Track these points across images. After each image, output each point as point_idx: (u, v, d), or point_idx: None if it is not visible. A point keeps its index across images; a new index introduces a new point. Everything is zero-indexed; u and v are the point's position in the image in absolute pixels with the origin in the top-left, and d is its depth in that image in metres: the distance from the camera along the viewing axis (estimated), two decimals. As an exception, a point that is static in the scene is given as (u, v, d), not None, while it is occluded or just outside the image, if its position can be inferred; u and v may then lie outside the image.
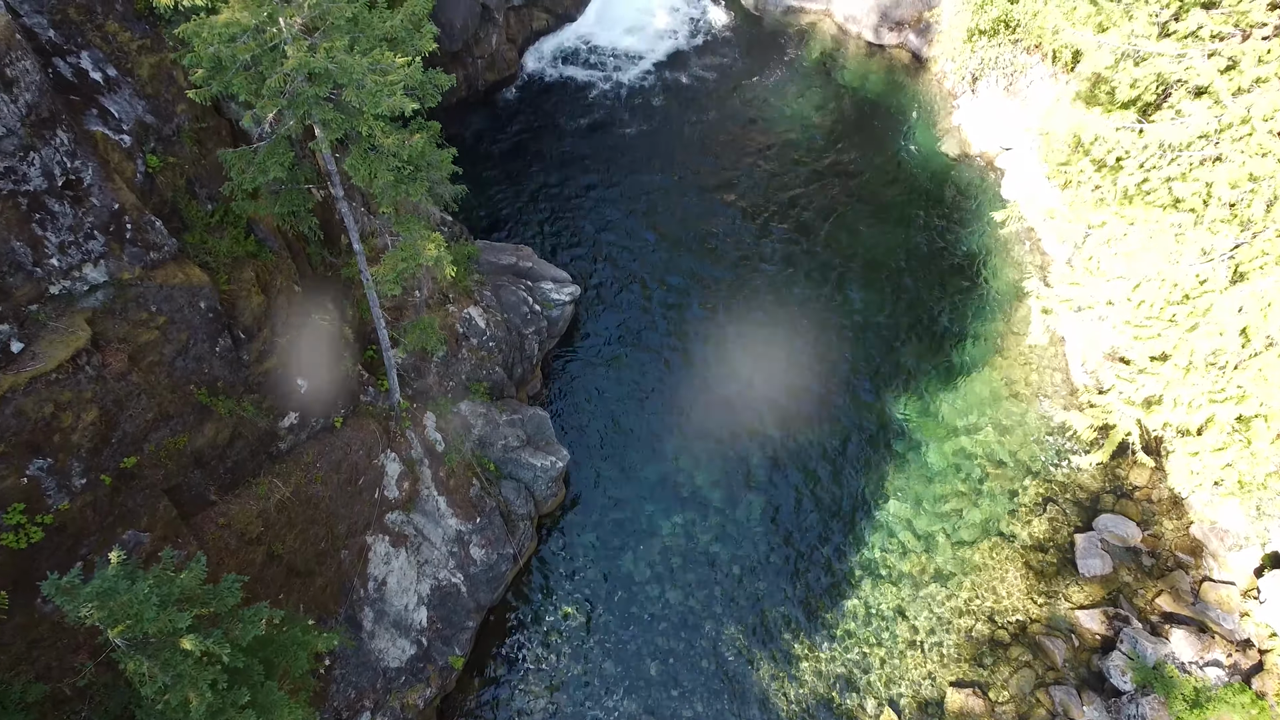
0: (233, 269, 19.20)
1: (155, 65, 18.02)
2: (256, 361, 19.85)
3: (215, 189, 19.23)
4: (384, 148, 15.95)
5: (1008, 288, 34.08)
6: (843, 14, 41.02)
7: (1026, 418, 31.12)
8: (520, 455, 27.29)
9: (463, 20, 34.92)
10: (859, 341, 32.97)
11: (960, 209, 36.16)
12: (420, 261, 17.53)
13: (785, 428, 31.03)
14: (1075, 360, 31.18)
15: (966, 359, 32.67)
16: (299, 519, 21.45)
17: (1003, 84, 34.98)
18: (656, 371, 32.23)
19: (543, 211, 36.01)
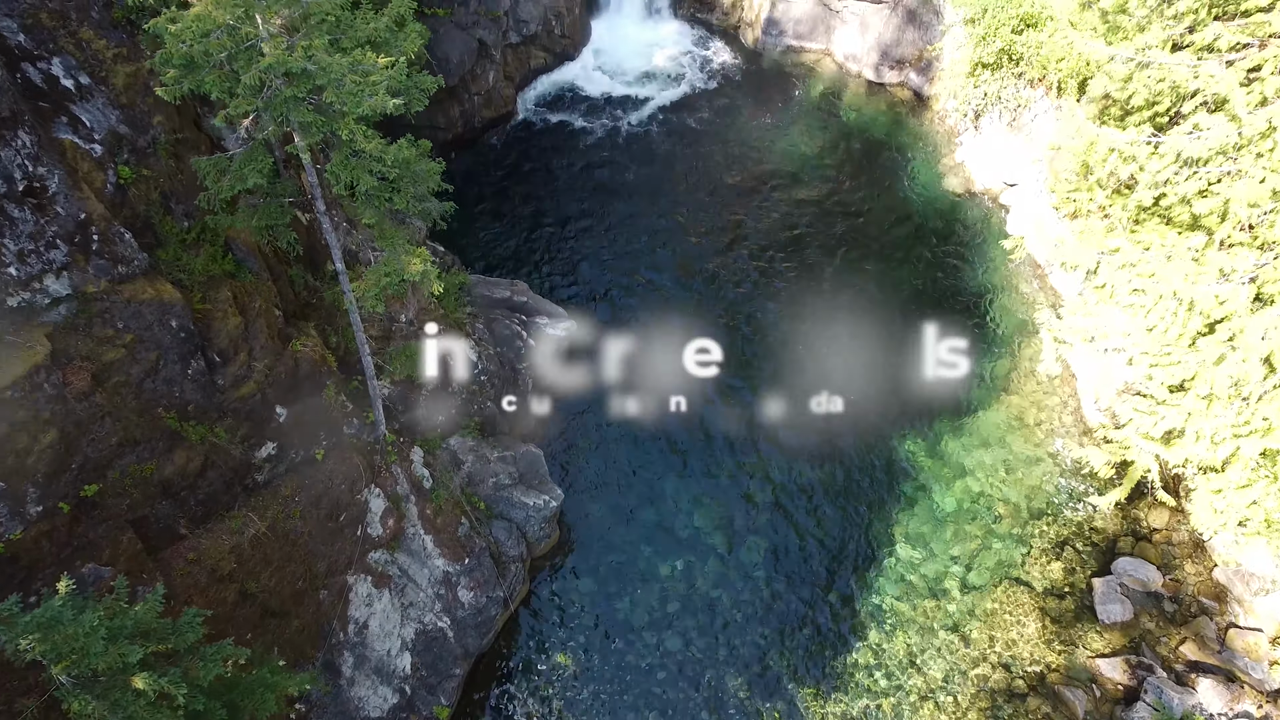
0: (208, 288, 18.29)
1: (131, 75, 17.30)
2: (232, 386, 18.84)
3: (192, 205, 18.41)
4: (366, 153, 15.11)
5: (1015, 325, 33.19)
6: (843, 53, 40.75)
7: (1038, 458, 30.01)
8: (512, 494, 26.12)
9: (459, 56, 34.52)
10: (864, 382, 31.94)
11: (965, 246, 35.42)
12: (405, 277, 16.61)
13: (788, 468, 29.92)
14: (1088, 397, 30.16)
15: (974, 398, 31.65)
16: (275, 556, 20.25)
17: (1006, 119, 34.48)
18: (654, 412, 31.13)
19: (538, 249, 35.27)
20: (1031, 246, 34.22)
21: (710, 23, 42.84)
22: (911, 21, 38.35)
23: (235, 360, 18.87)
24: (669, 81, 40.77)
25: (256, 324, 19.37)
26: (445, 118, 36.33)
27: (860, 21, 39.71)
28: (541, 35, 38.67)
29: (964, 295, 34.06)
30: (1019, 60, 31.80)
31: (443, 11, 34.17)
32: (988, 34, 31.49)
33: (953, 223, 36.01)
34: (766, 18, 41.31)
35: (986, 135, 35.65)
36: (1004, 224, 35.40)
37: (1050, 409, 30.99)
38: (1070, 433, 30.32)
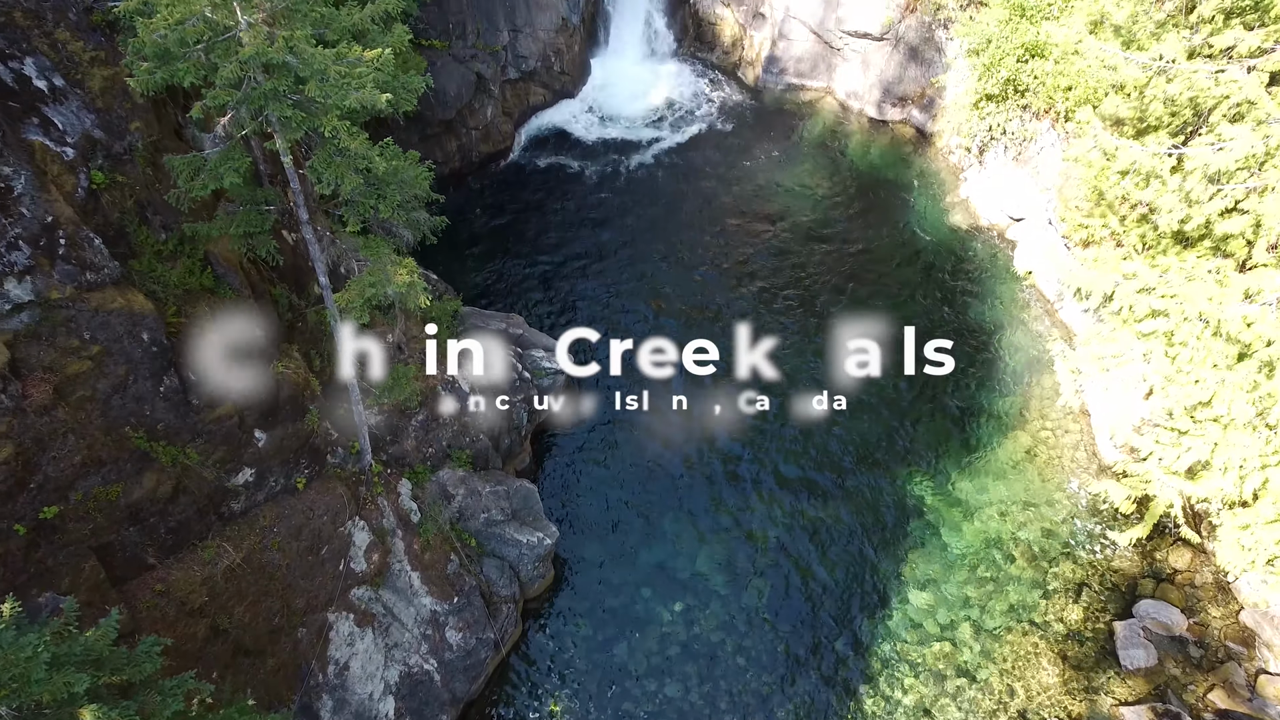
0: (185, 302, 17.39)
1: (108, 79, 16.59)
2: (208, 407, 17.82)
3: (171, 217, 17.58)
4: (351, 151, 14.31)
5: (1025, 360, 32.26)
6: (844, 90, 40.42)
7: (1052, 497, 28.87)
8: (504, 530, 24.94)
9: (456, 88, 34.09)
10: (871, 420, 30.94)
11: (972, 281, 34.62)
12: (391, 288, 15.72)
13: (793, 507, 28.76)
14: (1103, 434, 29.11)
15: (984, 436, 30.60)
16: (250, 590, 19.06)
17: (1011, 153, 33.94)
18: (655, 448, 30.09)
19: (535, 285, 34.47)
20: (1040, 281, 33.48)
21: (710, 61, 42.62)
22: (913, 59, 38.05)
23: (211, 380, 17.86)
24: (669, 119, 40.37)
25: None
26: (442, 152, 35.80)
27: (862, 59, 39.44)
28: (541, 71, 38.34)
29: (972, 331, 33.17)
30: (1024, 91, 31.32)
31: (439, 44, 33.83)
32: (992, 64, 31.04)
33: (959, 259, 35.27)
34: (767, 56, 41.07)
35: (991, 170, 35.09)
36: (1011, 259, 34.66)
37: (1063, 446, 29.93)
38: (1085, 471, 29.22)
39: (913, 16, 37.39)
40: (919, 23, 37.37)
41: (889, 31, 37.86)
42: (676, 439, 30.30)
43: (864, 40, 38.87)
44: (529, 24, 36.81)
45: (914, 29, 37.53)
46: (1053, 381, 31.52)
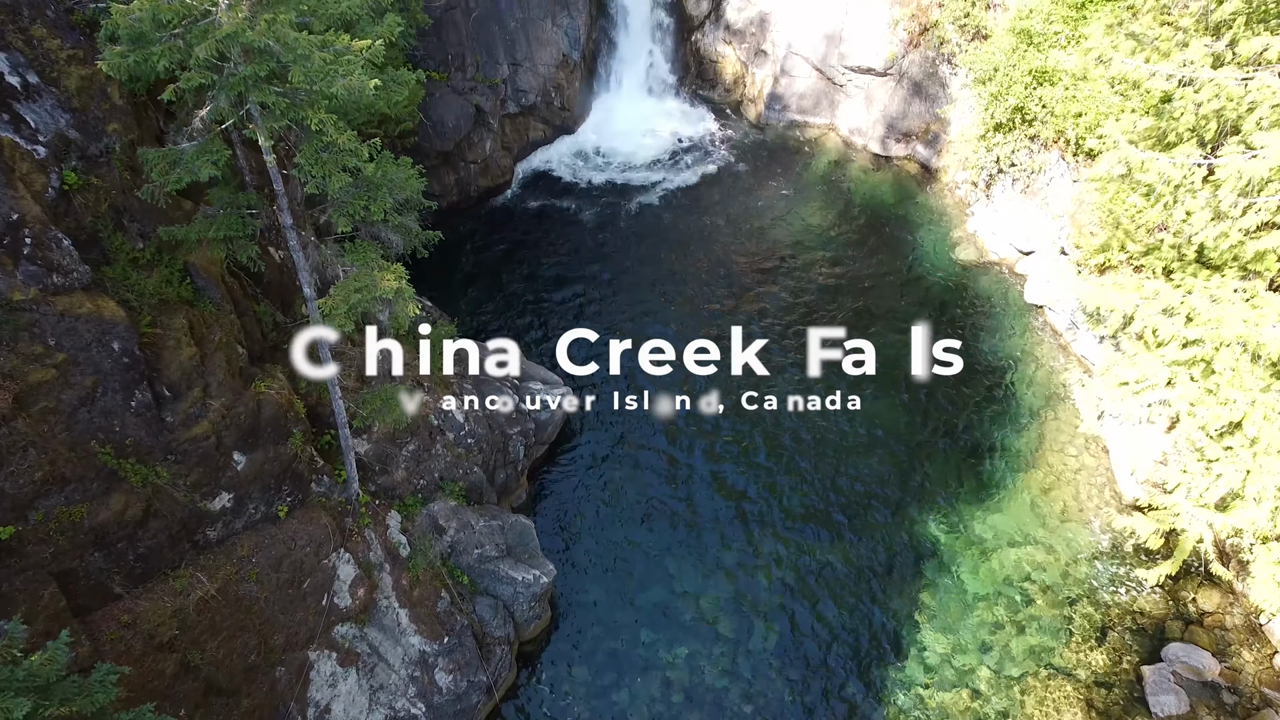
0: (160, 313, 16.43)
1: (86, 78, 15.85)
2: (183, 425, 16.77)
3: (149, 225, 16.72)
4: (339, 146, 13.48)
5: (1038, 396, 31.23)
6: (848, 127, 39.99)
7: (1072, 536, 27.64)
8: (499, 567, 23.70)
9: (455, 120, 33.59)
10: (881, 456, 29.84)
11: (981, 317, 33.74)
12: (378, 294, 14.78)
13: (802, 546, 27.53)
14: (1122, 470, 27.98)
15: (999, 473, 29.45)
16: (225, 624, 17.81)
17: (1019, 186, 33.31)
18: (657, 486, 28.94)
19: (533, 320, 33.57)
20: (1051, 315, 32.62)
21: (712, 99, 42.28)
22: (917, 94, 37.66)
23: (187, 396, 16.85)
24: (671, 157, 39.87)
25: (215, 358, 17.44)
26: (440, 185, 35.19)
27: (865, 95, 39.07)
28: (540, 107, 37.91)
29: (981, 366, 32.20)
30: (1032, 121, 30.77)
31: (438, 75, 33.41)
32: (1000, 92, 30.50)
33: (967, 294, 34.44)
34: (769, 93, 40.73)
35: (999, 203, 34.45)
36: (1021, 293, 33.82)
37: (1082, 483, 28.78)
38: (1106, 508, 28.04)
39: (916, 52, 37.07)
40: (922, 58, 37.05)
41: (892, 66, 37.53)
42: (680, 475, 29.19)
43: (867, 76, 38.53)
44: (529, 58, 36.47)
45: (917, 64, 37.20)
46: (1068, 417, 30.49)
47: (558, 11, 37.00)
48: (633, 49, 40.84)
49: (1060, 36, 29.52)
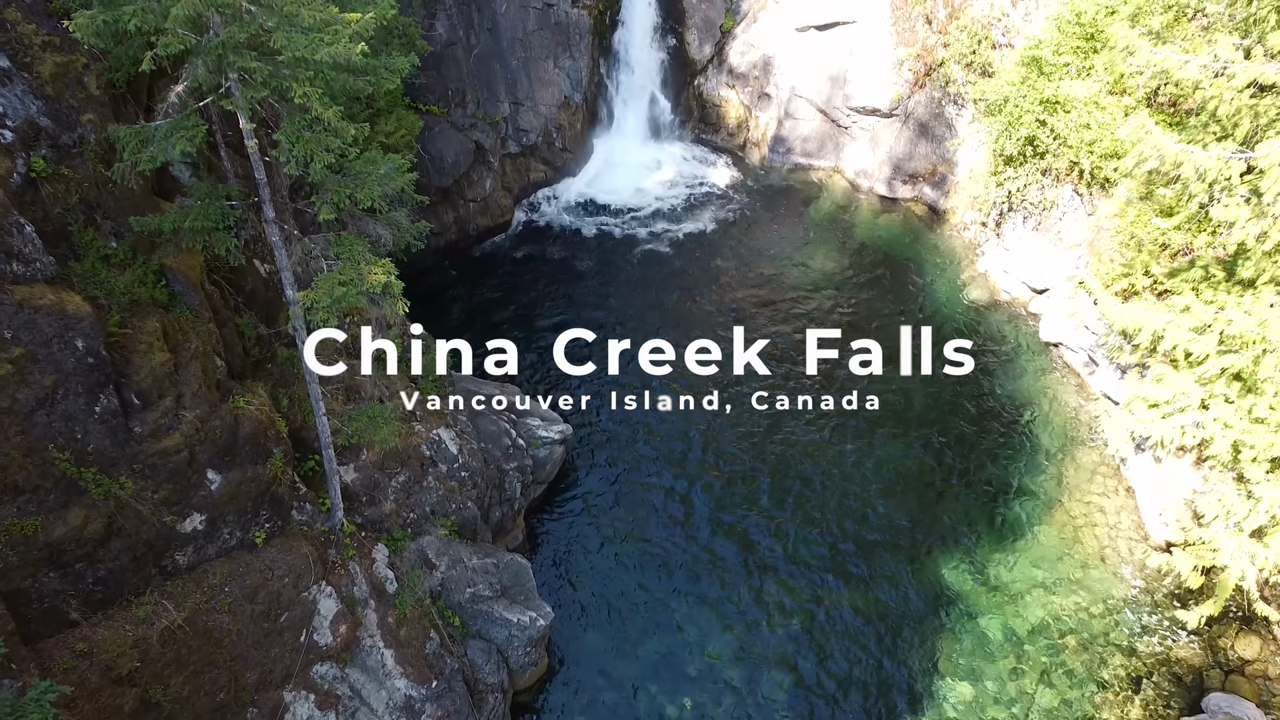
0: (131, 313, 15.34)
1: (61, 65, 15.02)
2: (152, 436, 15.54)
3: (124, 223, 15.73)
4: (324, 123, 12.54)
5: (1058, 437, 29.98)
6: (853, 169, 39.41)
7: (1100, 581, 26.16)
8: (492, 608, 22.20)
9: (454, 156, 32.97)
10: (896, 500, 28.47)
11: (994, 357, 32.63)
12: (364, 288, 13.72)
13: (811, 593, 26.03)
14: (1150, 511, 26.61)
15: (1019, 515, 28.06)
16: (192, 658, 16.35)
17: (1031, 223, 32.52)
18: (660, 530, 27.52)
19: (532, 360, 32.41)
20: (1068, 354, 31.55)
21: (715, 143, 41.82)
22: (923, 135, 37.15)
23: (158, 405, 15.66)
24: (673, 199, 39.20)
25: (190, 367, 16.29)
26: (439, 222, 34.44)
27: (870, 137, 38.58)
28: (542, 147, 37.37)
29: (997, 408, 31.00)
30: (1044, 153, 30.08)
31: (438, 110, 32.89)
32: (1011, 122, 29.86)
33: (980, 334, 33.38)
34: (773, 136, 40.28)
35: (1010, 242, 33.63)
36: (1035, 332, 32.78)
37: (1107, 525, 27.38)
38: (1134, 551, 26.61)
39: (921, 92, 36.68)
40: (928, 98, 36.63)
41: (898, 107, 37.09)
42: (684, 519, 27.78)
43: (872, 117, 38.08)
44: (530, 98, 36.05)
45: (923, 105, 36.77)
46: (1089, 457, 29.22)
47: (559, 53, 36.69)
48: (635, 92, 40.49)
49: (1070, 68, 29.01)
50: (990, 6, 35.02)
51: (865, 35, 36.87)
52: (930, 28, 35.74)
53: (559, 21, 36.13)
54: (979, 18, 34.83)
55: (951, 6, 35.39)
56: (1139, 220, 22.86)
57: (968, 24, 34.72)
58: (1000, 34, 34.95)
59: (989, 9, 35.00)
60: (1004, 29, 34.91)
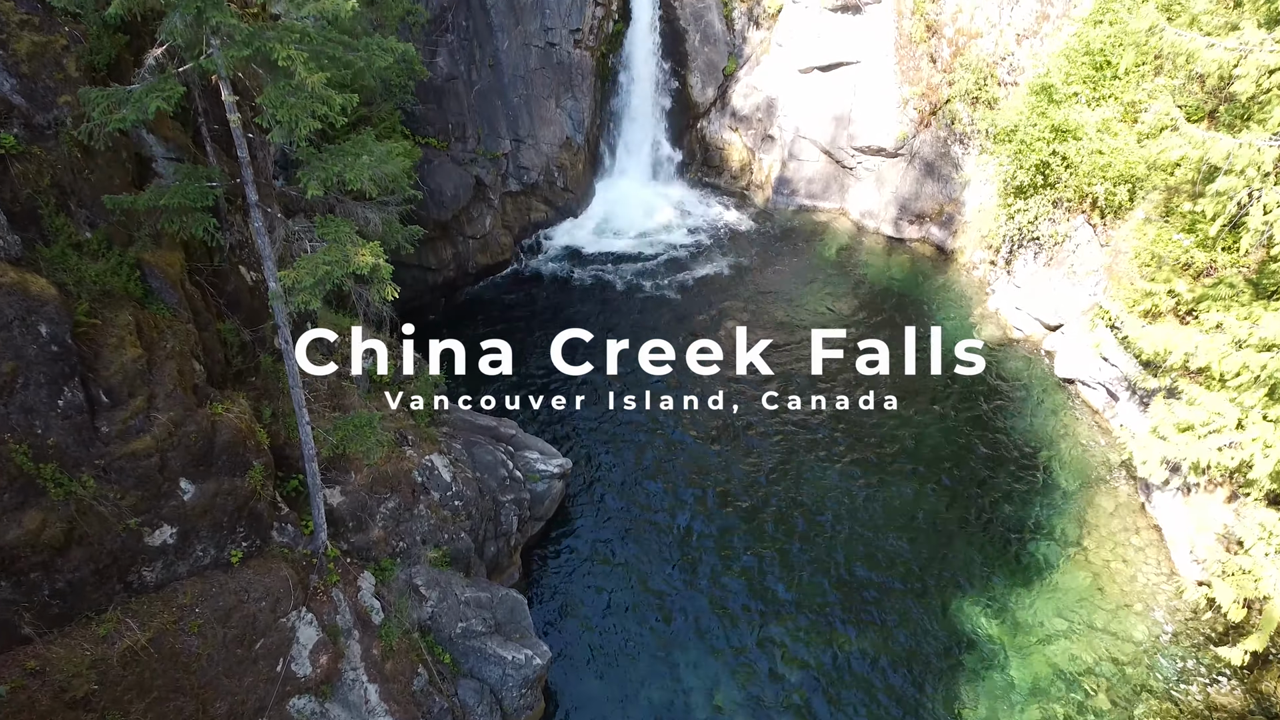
0: (103, 304, 14.39)
1: (39, 45, 14.34)
2: (120, 438, 14.46)
3: (99, 213, 14.89)
4: (309, 89, 11.76)
5: (1078, 476, 28.77)
6: (859, 210, 38.88)
7: (1130, 624, 24.73)
8: (486, 645, 20.79)
9: (453, 189, 32.40)
10: (909, 540, 27.14)
11: (1008, 397, 31.58)
12: (350, 269, 12.79)
13: (828, 638, 24.57)
14: (1180, 550, 25.31)
15: (1042, 556, 26.72)
16: (156, 683, 15.00)
17: (1042, 259, 31.80)
18: (664, 571, 26.16)
19: (531, 399, 31.30)
20: (1085, 391, 30.52)
21: (718, 185, 41.39)
22: (930, 174, 36.71)
23: (128, 404, 14.61)
24: (676, 242, 38.56)
25: (164, 367, 15.27)
26: (437, 258, 33.75)
27: (876, 177, 38.14)
28: (543, 186, 36.87)
29: (1014, 447, 29.83)
30: (1054, 183, 29.47)
31: (438, 143, 32.42)
32: (1021, 150, 29.29)
33: (993, 373, 32.37)
34: (777, 177, 39.87)
35: (1021, 279, 32.85)
36: (1050, 369, 31.80)
37: (1134, 565, 26.03)
38: (1163, 592, 25.23)
39: (927, 131, 36.32)
40: (934, 138, 36.26)
41: (903, 146, 36.70)
42: (690, 560, 26.43)
43: (877, 157, 37.68)
44: (532, 135, 35.66)
45: (929, 144, 36.39)
46: (1112, 496, 28.00)
47: (561, 92, 36.43)
48: (637, 135, 40.23)
49: (1080, 98, 28.58)
50: (995, 45, 34.87)
51: (869, 75, 36.68)
52: (934, 66, 35.54)
53: (561, 61, 35.94)
54: (983, 56, 34.65)
55: (955, 45, 35.23)
56: (1159, 239, 22.09)
57: (972, 62, 34.52)
58: (1005, 72, 34.73)
59: (993, 47, 34.85)
60: (1009, 67, 34.70)
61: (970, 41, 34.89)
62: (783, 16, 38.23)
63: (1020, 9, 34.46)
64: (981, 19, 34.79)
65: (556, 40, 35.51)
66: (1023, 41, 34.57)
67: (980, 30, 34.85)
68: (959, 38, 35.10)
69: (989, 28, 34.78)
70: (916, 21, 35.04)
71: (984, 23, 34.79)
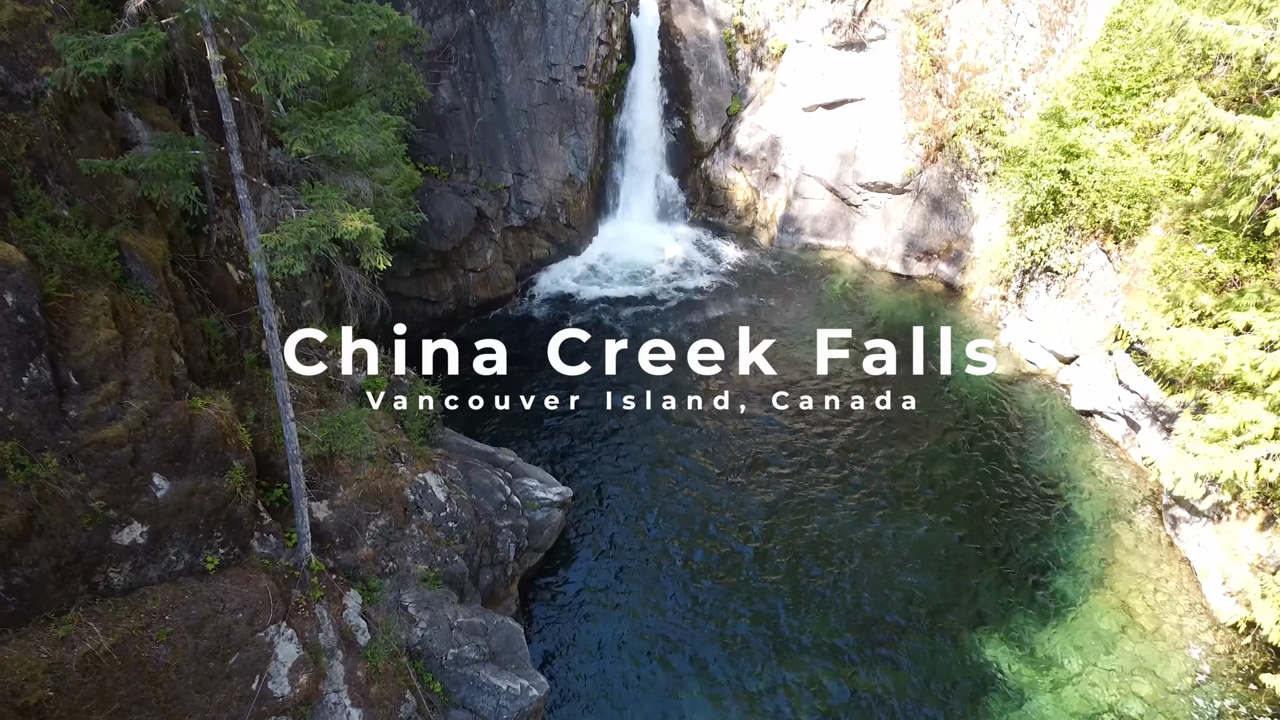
0: (77, 280, 13.60)
1: (22, 15, 13.82)
2: (89, 423, 13.54)
3: (78, 191, 14.21)
4: (299, 38, 11.16)
5: (1099, 510, 27.64)
6: (865, 248, 38.33)
7: (1160, 660, 23.41)
8: (479, 673, 19.50)
9: (454, 219, 31.89)
10: (925, 577, 25.90)
11: (1025, 432, 30.57)
12: (338, 234, 12.04)
13: (841, 676, 23.22)
14: (1211, 581, 24.11)
15: (1064, 594, 25.47)
16: (119, 693, 13.83)
17: (1055, 290, 31.09)
18: (670, 607, 24.90)
19: (528, 436, 30.34)
20: (1104, 423, 29.54)
21: (723, 225, 40.92)
22: (937, 210, 36.24)
23: (99, 389, 13.72)
24: (680, 281, 37.93)
25: (141, 354, 14.42)
26: (436, 290, 33.11)
27: (882, 214, 37.67)
28: (545, 222, 36.41)
29: (1033, 482, 28.71)
30: (1066, 209, 28.88)
31: (439, 172, 32.02)
32: (1031, 174, 28.75)
33: (1008, 409, 31.41)
34: (782, 216, 39.43)
35: (1033, 311, 32.11)
36: (1067, 402, 30.85)
37: (1163, 600, 24.79)
38: (1196, 627, 23.94)
39: (934, 167, 35.96)
40: (940, 173, 35.89)
41: (910, 182, 36.31)
42: (697, 597, 25.14)
43: (883, 194, 37.27)
44: (534, 170, 35.31)
45: (935, 179, 36.00)
46: (1135, 530, 26.87)
47: (565, 130, 36.18)
48: (642, 174, 39.94)
49: (1090, 123, 28.17)
50: (1000, 80, 34.71)
51: (874, 111, 36.46)
52: (940, 101, 35.33)
53: (564, 98, 35.77)
54: (989, 93, 34.46)
55: (961, 80, 35.06)
56: (1180, 252, 21.40)
57: (978, 96, 34.31)
58: (1012, 107, 34.51)
59: (999, 82, 34.68)
60: (1015, 101, 34.49)
61: (975, 76, 34.75)
62: (787, 56, 38.21)
63: (1025, 45, 34.39)
64: (986, 54, 34.70)
65: (560, 76, 35.39)
66: (1028, 76, 34.42)
67: (985, 65, 34.73)
68: (964, 73, 34.96)
69: (993, 63, 34.67)
70: (921, 56, 34.93)
71: (989, 58, 34.69)
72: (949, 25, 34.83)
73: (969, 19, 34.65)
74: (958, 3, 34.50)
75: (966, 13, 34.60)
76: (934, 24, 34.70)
